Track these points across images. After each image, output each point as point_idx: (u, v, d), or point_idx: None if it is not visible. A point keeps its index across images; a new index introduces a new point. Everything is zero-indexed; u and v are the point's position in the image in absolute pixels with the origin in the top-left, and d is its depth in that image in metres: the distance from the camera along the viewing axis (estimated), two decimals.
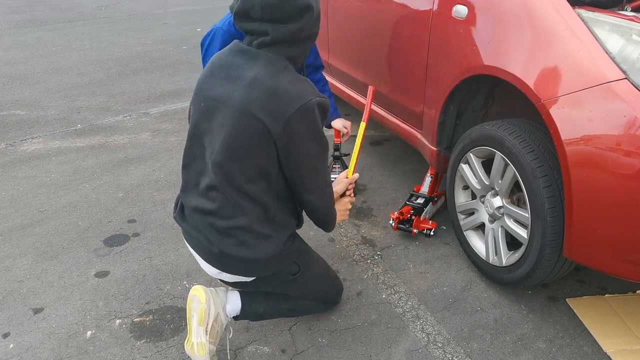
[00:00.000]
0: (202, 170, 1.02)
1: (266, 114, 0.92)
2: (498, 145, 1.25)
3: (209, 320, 1.06)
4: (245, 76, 0.94)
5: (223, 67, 0.98)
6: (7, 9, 5.63)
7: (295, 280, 1.12)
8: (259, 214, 1.00)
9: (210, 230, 1.01)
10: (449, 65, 1.40)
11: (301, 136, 0.95)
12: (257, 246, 1.01)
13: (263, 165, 0.97)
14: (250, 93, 0.93)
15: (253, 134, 0.93)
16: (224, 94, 0.96)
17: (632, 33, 1.02)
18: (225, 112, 0.95)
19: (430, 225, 1.60)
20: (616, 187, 0.98)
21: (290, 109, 0.92)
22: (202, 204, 1.01)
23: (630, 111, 0.96)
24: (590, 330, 1.23)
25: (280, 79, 0.93)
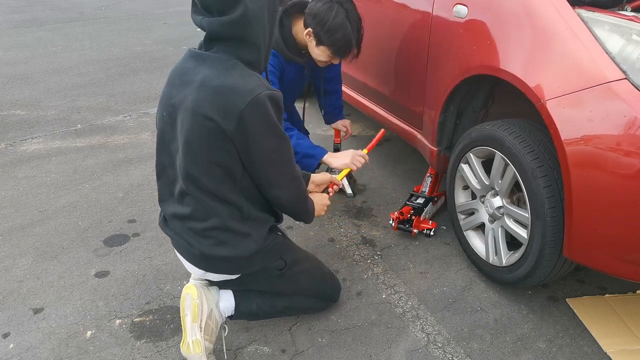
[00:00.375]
0: (174, 179, 1.04)
1: (217, 113, 0.91)
2: (498, 145, 1.25)
3: (203, 316, 1.06)
4: (195, 79, 0.94)
5: (178, 74, 0.99)
6: (7, 9, 5.63)
7: (283, 276, 1.12)
8: (232, 214, 1.01)
9: (189, 234, 1.03)
10: (449, 65, 1.40)
11: (256, 131, 0.94)
12: (237, 244, 1.02)
13: (226, 166, 0.97)
14: (199, 95, 0.93)
15: (209, 135, 0.93)
16: (179, 99, 0.97)
17: (632, 33, 1.02)
18: (182, 116, 0.96)
19: (430, 225, 1.60)
20: (616, 187, 0.98)
21: (240, 105, 0.91)
22: (178, 210, 1.03)
23: (630, 111, 0.96)
24: (590, 330, 1.23)
25: (227, 77, 0.92)
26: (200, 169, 0.97)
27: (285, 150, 1.01)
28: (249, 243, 1.02)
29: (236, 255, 1.02)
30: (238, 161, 0.98)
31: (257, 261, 1.05)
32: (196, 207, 1.01)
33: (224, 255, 1.01)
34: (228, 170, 0.98)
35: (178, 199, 1.03)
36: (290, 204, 1.07)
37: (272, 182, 1.02)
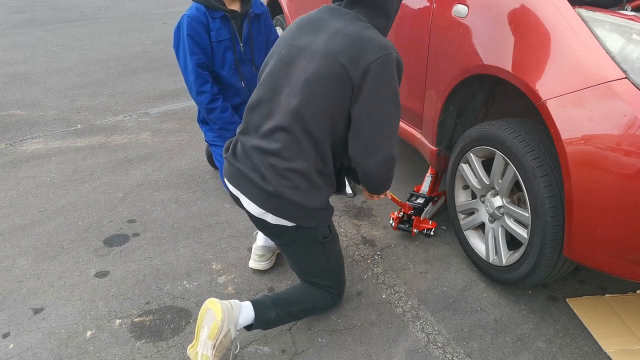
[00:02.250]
0: (268, 114, 1.05)
1: (348, 58, 0.96)
2: (498, 144, 1.25)
3: (220, 336, 1.05)
4: (332, 27, 1.00)
5: (311, 22, 1.05)
6: (7, 9, 5.63)
7: (323, 245, 1.15)
8: (317, 164, 1.04)
9: (269, 170, 1.04)
10: (449, 65, 1.40)
11: (378, 86, 0.97)
12: (309, 194, 1.04)
13: (335, 115, 1.00)
14: (334, 40, 0.98)
15: (334, 79, 0.97)
16: (309, 42, 1.02)
17: (633, 32, 1.02)
18: (308, 57, 1.01)
19: (430, 225, 1.60)
20: (616, 186, 0.98)
21: (372, 57, 0.96)
22: (264, 144, 1.04)
23: (631, 110, 0.96)
24: (590, 330, 1.23)
25: (365, 31, 0.99)
26: (311, 110, 0.99)
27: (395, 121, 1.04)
28: (319, 197, 1.05)
29: (304, 204, 1.04)
30: (347, 116, 1.01)
31: (316, 217, 1.08)
32: (287, 145, 1.02)
33: (295, 200, 1.03)
34: (334, 121, 1.01)
35: (266, 133, 1.04)
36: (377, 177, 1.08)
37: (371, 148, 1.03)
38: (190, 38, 1.52)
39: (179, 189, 1.92)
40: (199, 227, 1.68)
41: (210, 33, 1.54)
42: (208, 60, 1.58)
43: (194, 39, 1.52)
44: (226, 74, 1.62)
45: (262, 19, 1.70)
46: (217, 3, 1.54)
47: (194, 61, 1.54)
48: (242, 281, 1.43)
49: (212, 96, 1.59)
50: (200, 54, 1.55)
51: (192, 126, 2.50)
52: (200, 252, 1.56)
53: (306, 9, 2.42)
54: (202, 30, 1.52)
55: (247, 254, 1.54)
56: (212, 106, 1.60)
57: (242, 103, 1.71)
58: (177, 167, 2.09)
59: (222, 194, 1.88)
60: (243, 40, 1.62)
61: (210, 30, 1.54)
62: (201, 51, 1.55)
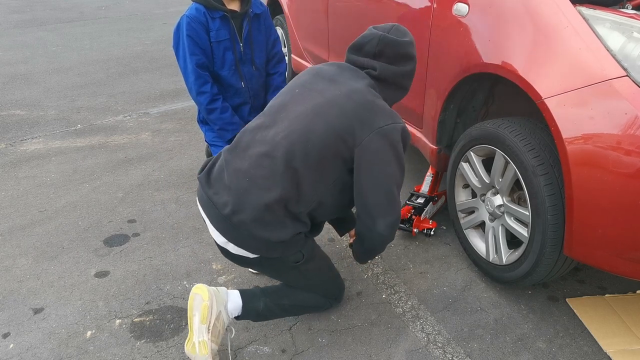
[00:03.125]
0: (262, 139, 1.05)
1: (359, 119, 1.00)
2: (499, 143, 1.25)
3: (211, 318, 1.06)
4: (351, 85, 1.05)
5: (328, 73, 1.09)
6: (7, 9, 5.63)
7: (297, 269, 1.13)
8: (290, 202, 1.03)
9: (240, 194, 1.02)
10: (449, 64, 1.39)
11: (385, 151, 1.01)
12: (273, 228, 1.03)
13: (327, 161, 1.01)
14: (351, 97, 1.02)
15: (337, 129, 1.00)
16: (325, 89, 1.05)
17: (633, 31, 1.02)
18: (320, 101, 1.03)
19: (431, 224, 1.60)
20: (617, 185, 0.98)
21: (381, 123, 1.00)
22: (246, 167, 1.03)
23: (632, 108, 0.95)
24: (590, 330, 1.23)
25: (378, 100, 1.05)
26: (303, 147, 1.00)
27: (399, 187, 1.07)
28: (282, 233, 1.03)
29: (264, 237, 1.02)
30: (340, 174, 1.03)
31: (278, 249, 1.06)
32: (269, 173, 1.01)
33: (253, 232, 1.02)
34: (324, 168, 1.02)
35: (252, 156, 1.04)
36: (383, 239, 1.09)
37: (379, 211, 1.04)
38: (189, 38, 1.52)
39: (179, 189, 1.92)
40: (199, 227, 1.68)
41: (210, 33, 1.54)
42: (208, 60, 1.58)
43: (194, 39, 1.52)
44: (226, 74, 1.62)
45: (262, 19, 1.69)
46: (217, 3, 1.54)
47: (193, 61, 1.54)
48: (242, 281, 1.43)
49: (212, 96, 1.59)
50: (199, 55, 1.54)
51: (192, 126, 2.50)
52: (200, 252, 1.56)
53: (306, 9, 2.41)
54: (201, 30, 1.52)
55: None
56: (212, 107, 1.60)
57: (242, 103, 1.71)
58: (177, 167, 2.09)
59: None
60: (243, 40, 1.61)
61: (209, 31, 1.53)
62: (201, 51, 1.55)
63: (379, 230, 1.06)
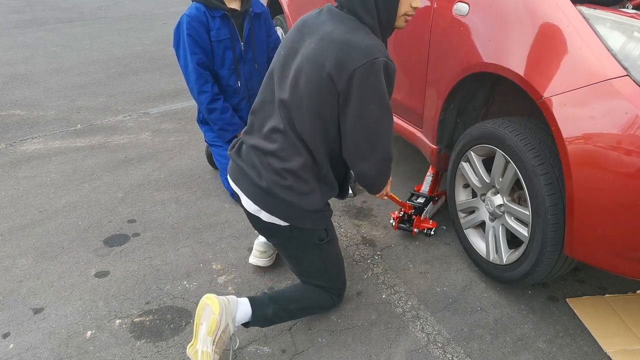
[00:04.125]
0: (269, 115, 1.07)
1: (333, 65, 0.95)
2: (499, 142, 1.25)
3: (219, 331, 1.05)
4: (323, 30, 1.00)
5: (307, 23, 1.05)
6: (7, 9, 5.63)
7: (319, 247, 1.14)
8: (313, 167, 1.05)
9: (266, 168, 1.05)
10: (449, 64, 1.39)
11: (363, 93, 0.95)
12: (303, 195, 1.05)
13: (325, 120, 1.01)
14: (322, 45, 0.98)
15: (320, 85, 0.97)
16: (302, 45, 1.02)
17: (634, 30, 1.02)
18: (299, 60, 1.01)
19: (431, 224, 1.60)
20: (617, 185, 0.98)
21: (356, 63, 0.94)
22: (263, 145, 1.06)
23: (632, 108, 0.95)
24: (590, 330, 1.22)
25: (353, 35, 0.97)
26: (300, 114, 1.00)
27: (385, 125, 1.01)
28: (314, 199, 1.05)
29: (297, 204, 1.04)
30: (336, 121, 1.02)
31: (309, 218, 1.08)
32: (284, 146, 1.03)
33: (287, 199, 1.03)
34: (325, 126, 1.02)
35: (266, 134, 1.06)
36: (370, 180, 1.09)
37: (361, 153, 1.02)
38: (190, 37, 1.52)
39: (179, 189, 1.92)
40: (199, 227, 1.68)
41: (210, 32, 1.54)
42: (208, 59, 1.58)
43: (194, 38, 1.52)
44: (225, 73, 1.62)
45: (262, 19, 1.69)
46: (217, 2, 1.54)
47: (194, 61, 1.54)
48: (242, 281, 1.43)
49: (212, 96, 1.59)
50: (200, 54, 1.54)
51: (192, 126, 2.50)
52: (200, 252, 1.56)
53: (306, 9, 2.41)
54: (202, 29, 1.52)
55: (247, 254, 1.53)
56: (213, 106, 1.60)
57: (240, 102, 1.71)
58: (177, 167, 2.09)
59: (222, 194, 1.88)
60: (244, 40, 1.61)
61: (210, 30, 1.53)
62: (201, 50, 1.54)
63: (363, 170, 1.06)
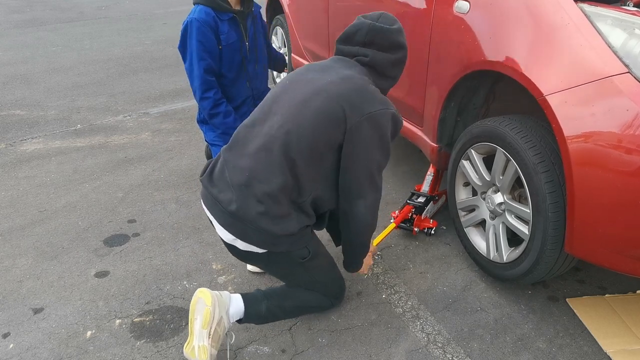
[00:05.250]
0: (257, 133, 1.07)
1: (349, 104, 1.01)
2: (499, 141, 1.24)
3: (213, 323, 1.05)
4: (340, 72, 1.07)
5: (320, 66, 1.11)
6: (7, 9, 5.64)
7: (303, 265, 1.13)
8: (292, 192, 1.04)
9: (242, 190, 1.03)
10: (450, 62, 1.39)
11: (372, 137, 1.02)
12: (278, 221, 1.04)
13: (321, 148, 1.02)
14: (341, 84, 1.04)
15: (330, 115, 1.01)
16: (316, 78, 1.07)
17: (635, 27, 1.01)
18: (310, 89, 1.04)
19: (431, 224, 1.59)
20: (618, 182, 0.97)
21: (371, 108, 1.02)
22: (245, 164, 1.05)
23: (633, 105, 0.95)
24: (590, 330, 1.22)
25: (370, 87, 1.06)
26: (299, 135, 1.01)
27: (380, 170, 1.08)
28: (288, 224, 1.05)
29: (271, 231, 1.03)
30: (335, 156, 1.04)
31: (284, 243, 1.07)
32: (266, 166, 1.03)
33: (262, 226, 1.03)
34: (319, 155, 1.03)
35: (250, 152, 1.06)
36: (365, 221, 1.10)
37: (361, 192, 1.07)
38: (199, 44, 1.50)
39: (179, 189, 1.92)
40: (199, 227, 1.68)
41: (220, 37, 1.52)
42: (215, 64, 1.57)
43: (204, 44, 1.50)
44: (233, 75, 1.61)
45: (259, 18, 1.70)
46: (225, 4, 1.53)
47: (202, 67, 1.53)
48: (242, 281, 1.43)
49: (214, 102, 1.59)
50: (208, 59, 1.53)
51: (192, 126, 2.50)
52: (200, 252, 1.56)
53: (307, 8, 2.41)
54: (211, 35, 1.51)
55: None
56: (215, 111, 1.60)
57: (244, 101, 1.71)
58: (177, 167, 2.09)
59: None
60: (249, 40, 1.61)
61: (220, 34, 1.52)
62: (209, 56, 1.53)
63: (359, 210, 1.08)
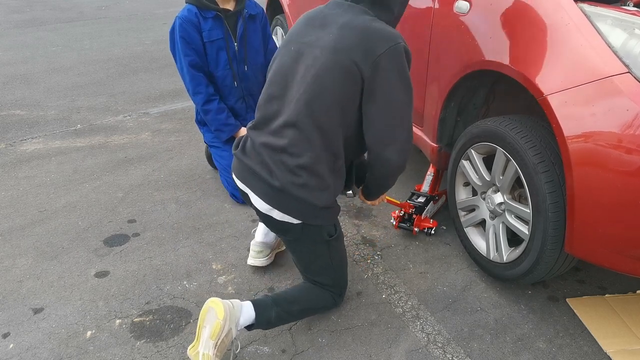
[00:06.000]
0: (278, 110, 1.05)
1: (357, 52, 0.97)
2: (499, 140, 1.24)
3: (221, 335, 1.05)
4: (338, 21, 1.01)
5: (318, 17, 1.05)
6: (7, 9, 5.64)
7: (328, 244, 1.14)
8: (327, 160, 1.04)
9: (278, 165, 1.03)
10: (450, 62, 1.39)
11: (389, 77, 0.98)
12: (316, 192, 1.04)
13: (346, 109, 1.01)
14: (343, 34, 0.99)
15: (344, 73, 0.98)
16: (317, 38, 1.02)
17: (635, 27, 1.01)
18: (316, 53, 1.01)
19: (431, 224, 1.59)
20: (618, 183, 0.97)
21: (380, 49, 0.97)
22: (273, 141, 1.04)
23: (633, 105, 0.95)
24: (590, 330, 1.22)
25: (372, 23, 1.00)
26: (322, 103, 0.99)
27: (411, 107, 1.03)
28: (326, 195, 1.04)
29: (311, 202, 1.03)
30: (358, 109, 1.01)
31: (321, 215, 1.07)
32: (296, 141, 1.01)
33: (301, 197, 1.02)
34: (345, 115, 1.01)
35: (276, 130, 1.04)
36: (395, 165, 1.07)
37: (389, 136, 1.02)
38: (182, 39, 1.52)
39: (179, 189, 1.92)
40: (199, 227, 1.68)
41: (202, 33, 1.53)
42: (201, 60, 1.57)
43: (186, 40, 1.52)
44: (220, 74, 1.62)
45: (257, 20, 1.69)
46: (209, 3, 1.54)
47: (187, 62, 1.55)
48: (242, 281, 1.43)
49: (207, 97, 1.59)
50: (192, 55, 1.54)
51: (192, 126, 2.50)
52: (200, 252, 1.56)
53: (306, 9, 2.40)
54: (193, 31, 1.52)
55: (247, 254, 1.53)
56: (208, 107, 1.60)
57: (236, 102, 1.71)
58: (177, 167, 2.09)
59: (222, 194, 1.88)
60: (237, 40, 1.61)
61: (202, 31, 1.53)
62: (193, 52, 1.54)
63: (390, 156, 1.05)
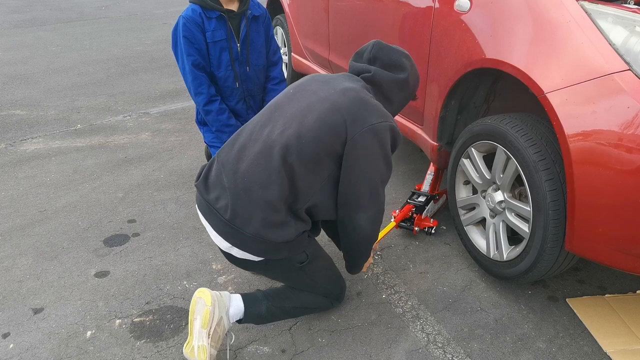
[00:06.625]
0: (257, 138, 1.07)
1: (350, 115, 1.02)
2: (500, 139, 1.24)
3: (213, 323, 1.05)
4: (342, 85, 1.08)
5: (325, 78, 1.13)
6: (7, 9, 5.64)
7: (302, 270, 1.13)
8: (288, 198, 1.04)
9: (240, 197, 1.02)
10: (450, 60, 1.39)
11: (372, 148, 1.03)
12: (276, 228, 1.03)
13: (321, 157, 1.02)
14: (344, 94, 1.05)
15: (331, 125, 1.01)
16: (319, 88, 1.08)
17: (636, 25, 1.01)
18: (313, 98, 1.06)
19: (432, 223, 1.59)
20: (619, 180, 0.97)
21: (372, 120, 1.02)
22: (243, 167, 1.04)
23: (634, 103, 0.94)
24: (590, 330, 1.22)
25: (371, 100, 1.07)
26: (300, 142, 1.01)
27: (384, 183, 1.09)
28: (287, 231, 1.04)
29: (270, 239, 1.02)
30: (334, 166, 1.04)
31: (283, 250, 1.07)
32: (266, 171, 1.02)
33: (260, 234, 1.02)
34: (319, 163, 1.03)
35: (249, 156, 1.05)
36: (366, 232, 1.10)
37: (362, 205, 1.07)
38: (185, 39, 1.52)
39: (179, 189, 1.92)
40: (199, 227, 1.68)
41: (206, 34, 1.54)
42: (204, 61, 1.58)
43: (189, 39, 1.52)
44: (222, 74, 1.62)
45: (260, 21, 1.69)
46: (213, 3, 1.54)
47: (189, 62, 1.55)
48: (242, 281, 1.43)
49: (208, 97, 1.59)
50: (195, 55, 1.54)
51: (192, 126, 2.50)
52: (200, 252, 1.56)
53: (307, 8, 2.40)
54: (197, 31, 1.52)
55: None
56: (209, 108, 1.60)
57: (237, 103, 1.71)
58: (177, 167, 2.09)
59: None
60: (240, 41, 1.61)
61: (205, 31, 1.53)
62: (196, 52, 1.54)
63: (360, 223, 1.08)
